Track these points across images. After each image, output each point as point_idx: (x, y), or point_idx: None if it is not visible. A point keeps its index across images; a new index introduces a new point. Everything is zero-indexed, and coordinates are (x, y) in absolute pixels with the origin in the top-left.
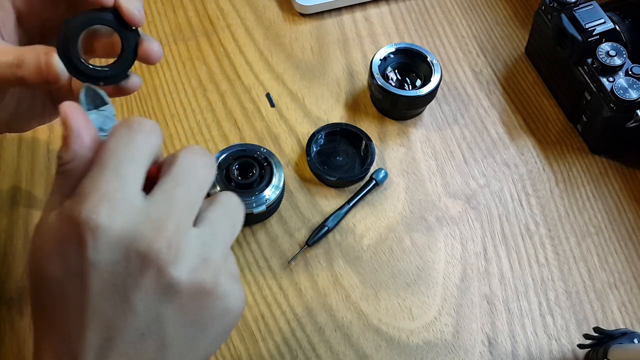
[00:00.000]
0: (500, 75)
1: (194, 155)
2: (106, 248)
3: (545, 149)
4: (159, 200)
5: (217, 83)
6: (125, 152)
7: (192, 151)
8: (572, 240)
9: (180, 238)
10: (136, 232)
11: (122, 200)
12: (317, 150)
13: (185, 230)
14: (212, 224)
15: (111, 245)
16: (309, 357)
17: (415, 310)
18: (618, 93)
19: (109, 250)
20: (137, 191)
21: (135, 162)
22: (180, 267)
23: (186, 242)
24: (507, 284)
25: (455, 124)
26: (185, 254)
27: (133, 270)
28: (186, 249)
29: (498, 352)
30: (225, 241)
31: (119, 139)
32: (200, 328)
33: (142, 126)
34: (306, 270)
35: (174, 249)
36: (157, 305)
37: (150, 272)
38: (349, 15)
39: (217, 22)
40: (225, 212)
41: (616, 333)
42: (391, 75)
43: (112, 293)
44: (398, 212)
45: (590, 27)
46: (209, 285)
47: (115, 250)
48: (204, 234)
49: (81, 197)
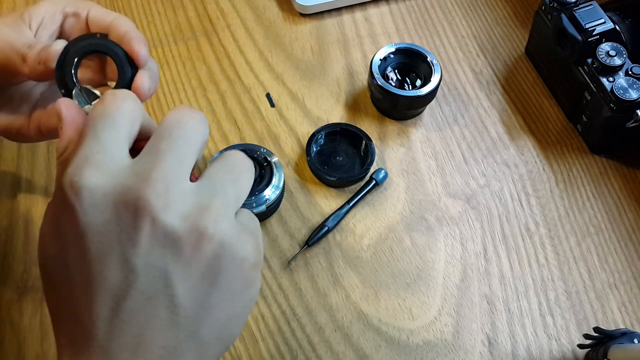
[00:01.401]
0: (500, 75)
1: (180, 112)
2: (94, 208)
3: (545, 149)
4: (144, 156)
5: (217, 83)
6: (104, 118)
7: (179, 109)
8: (572, 240)
9: (169, 185)
10: (122, 187)
11: (103, 160)
12: (317, 150)
13: (176, 180)
14: (211, 176)
15: (99, 204)
16: (309, 357)
17: (415, 310)
18: (618, 93)
19: (97, 210)
20: (120, 153)
21: (114, 127)
22: (172, 213)
23: (178, 189)
24: (507, 284)
25: (455, 124)
26: (176, 201)
27: (126, 226)
28: (177, 196)
29: (498, 352)
30: (226, 193)
31: (95, 110)
32: (212, 283)
33: (115, 96)
34: (306, 270)
35: (163, 195)
36: (157, 259)
37: (142, 222)
38: (349, 15)
39: (217, 22)
40: (225, 165)
41: (616, 333)
42: (391, 75)
43: (110, 256)
44: (398, 212)
45: (590, 27)
46: (210, 230)
47: (104, 208)
48: (201, 187)
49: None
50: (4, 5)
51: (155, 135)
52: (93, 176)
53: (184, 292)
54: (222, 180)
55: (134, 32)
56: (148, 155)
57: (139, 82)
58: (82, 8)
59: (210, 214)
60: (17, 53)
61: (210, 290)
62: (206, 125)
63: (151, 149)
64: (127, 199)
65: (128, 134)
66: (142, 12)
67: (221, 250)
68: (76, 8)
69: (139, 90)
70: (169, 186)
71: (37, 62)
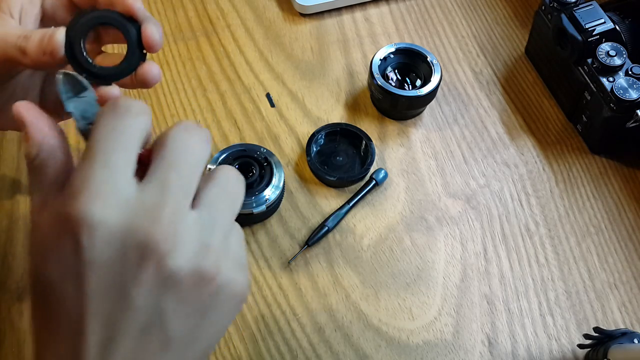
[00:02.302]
0: (500, 75)
1: (186, 132)
2: (102, 245)
3: (545, 149)
4: (152, 187)
5: (217, 83)
6: (114, 139)
7: (183, 128)
8: (572, 240)
9: (177, 226)
10: (131, 225)
11: (114, 192)
12: (317, 150)
13: (182, 216)
14: (211, 205)
15: (107, 242)
16: (309, 357)
17: (415, 310)
18: (618, 93)
19: (105, 247)
20: (129, 180)
21: (125, 149)
22: (179, 256)
23: (184, 228)
24: (507, 284)
25: (455, 124)
26: (183, 242)
27: (131, 265)
28: (184, 236)
29: (498, 352)
30: (225, 222)
31: (106, 126)
32: (202, 317)
33: (129, 109)
34: (306, 270)
35: (172, 238)
36: (158, 299)
37: (148, 264)
38: (349, 15)
39: (217, 22)
40: (224, 191)
41: (616, 333)
42: (391, 75)
43: (111, 290)
44: (398, 212)
45: (590, 27)
46: (211, 272)
47: (112, 246)
48: (202, 218)
49: (73, 193)
50: None
51: (162, 160)
52: (103, 212)
53: (177, 326)
54: (221, 211)
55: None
56: (156, 185)
57: (149, 32)
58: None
59: (211, 256)
60: (13, 46)
61: (201, 323)
62: (210, 145)
63: (159, 176)
64: (136, 240)
65: (137, 153)
66: None
67: (218, 290)
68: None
69: (151, 39)
70: (177, 227)
71: (41, 54)
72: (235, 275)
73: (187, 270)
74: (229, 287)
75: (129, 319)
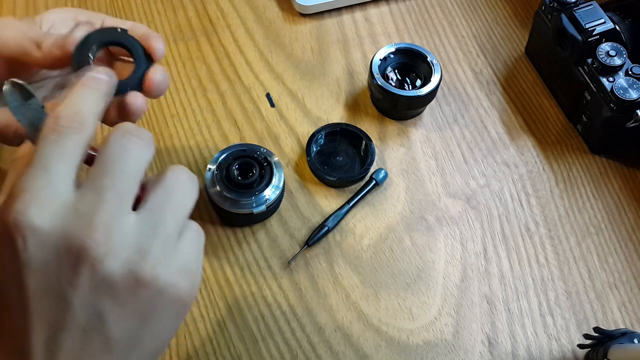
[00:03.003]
0: (500, 75)
1: (123, 137)
2: (37, 248)
3: (545, 149)
4: (88, 193)
5: (217, 83)
6: (54, 149)
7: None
8: (572, 240)
9: (111, 230)
10: (66, 230)
11: (50, 198)
12: (317, 150)
13: (117, 221)
14: (152, 210)
15: (42, 245)
16: (309, 357)
17: (415, 310)
18: (618, 93)
19: (40, 251)
20: (68, 186)
21: (65, 159)
22: (112, 260)
23: (118, 233)
24: (507, 284)
25: (455, 124)
26: (117, 247)
27: (66, 269)
28: (118, 240)
29: (498, 352)
30: (169, 226)
31: (48, 137)
32: (143, 321)
33: (71, 122)
34: (306, 270)
35: (105, 242)
36: (94, 301)
37: (82, 268)
38: (349, 15)
39: (217, 22)
40: (169, 194)
41: (616, 333)
42: (391, 75)
43: (49, 292)
44: (398, 212)
45: (590, 27)
46: (147, 277)
47: (46, 249)
48: (142, 222)
49: (11, 197)
50: (4, 5)
51: (98, 167)
52: (38, 216)
53: (117, 328)
54: (163, 214)
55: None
56: (91, 193)
57: (152, 74)
58: (96, 18)
59: (149, 261)
60: (31, 40)
61: (143, 326)
62: (152, 148)
63: (93, 184)
64: (69, 245)
65: (78, 164)
66: (142, 12)
67: (156, 294)
68: (90, 17)
69: (151, 81)
70: (111, 231)
71: (54, 47)
72: (177, 279)
73: (120, 274)
74: (169, 292)
75: (69, 320)
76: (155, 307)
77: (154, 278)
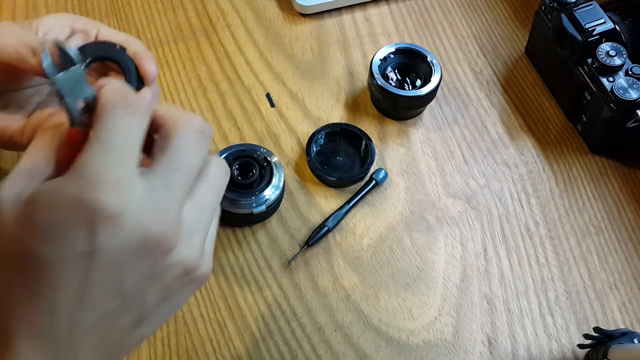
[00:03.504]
0: (500, 75)
1: (197, 133)
2: (112, 237)
3: (545, 149)
4: (158, 185)
5: (217, 83)
6: (127, 127)
7: (197, 130)
8: (572, 240)
9: (178, 225)
10: (140, 222)
11: (128, 187)
12: (317, 150)
13: (182, 216)
14: (202, 202)
15: (117, 234)
16: (309, 357)
17: (415, 310)
18: (618, 93)
19: (114, 239)
20: (137, 172)
21: (136, 143)
22: (176, 254)
23: (181, 225)
24: (507, 284)
25: (455, 124)
26: (180, 240)
27: (132, 258)
28: (181, 233)
29: (498, 352)
30: (210, 216)
31: (117, 112)
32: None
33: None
34: (306, 270)
35: (172, 237)
36: (146, 289)
37: (147, 259)
38: (349, 15)
39: (217, 22)
40: (215, 190)
41: (616, 333)
42: (391, 75)
43: (110, 280)
44: (398, 212)
45: (590, 27)
46: (192, 266)
47: (121, 238)
48: (194, 213)
49: (90, 181)
50: (4, 5)
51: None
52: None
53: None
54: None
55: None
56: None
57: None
58: (92, 27)
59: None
60: (27, 47)
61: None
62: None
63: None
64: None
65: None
66: (142, 12)
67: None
68: (86, 26)
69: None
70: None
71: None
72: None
73: (177, 267)
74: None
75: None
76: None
77: (197, 267)
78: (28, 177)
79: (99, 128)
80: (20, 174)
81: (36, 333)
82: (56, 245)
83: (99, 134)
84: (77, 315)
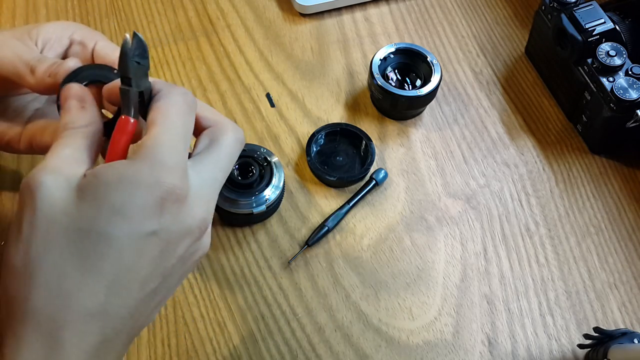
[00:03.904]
0: (500, 75)
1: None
2: (173, 218)
3: (545, 149)
4: (206, 178)
5: (217, 83)
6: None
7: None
8: (572, 240)
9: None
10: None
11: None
12: (317, 150)
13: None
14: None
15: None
16: (309, 357)
17: (415, 310)
18: (618, 93)
19: (174, 221)
20: None
21: (190, 136)
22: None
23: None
24: (507, 284)
25: (455, 124)
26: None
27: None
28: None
29: (498, 352)
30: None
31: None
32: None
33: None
34: (306, 270)
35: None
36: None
37: (186, 242)
38: (349, 15)
39: (217, 22)
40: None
41: (616, 333)
42: (391, 75)
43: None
44: (398, 212)
45: (590, 27)
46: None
47: (178, 222)
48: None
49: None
50: (4, 5)
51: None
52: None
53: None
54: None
55: None
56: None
57: None
58: (90, 39)
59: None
60: (25, 64)
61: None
62: None
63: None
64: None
65: None
66: (142, 12)
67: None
68: (84, 37)
69: None
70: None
71: (46, 75)
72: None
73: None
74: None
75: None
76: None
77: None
78: (70, 165)
79: (167, 119)
80: (61, 162)
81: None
82: (128, 223)
83: (167, 125)
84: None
